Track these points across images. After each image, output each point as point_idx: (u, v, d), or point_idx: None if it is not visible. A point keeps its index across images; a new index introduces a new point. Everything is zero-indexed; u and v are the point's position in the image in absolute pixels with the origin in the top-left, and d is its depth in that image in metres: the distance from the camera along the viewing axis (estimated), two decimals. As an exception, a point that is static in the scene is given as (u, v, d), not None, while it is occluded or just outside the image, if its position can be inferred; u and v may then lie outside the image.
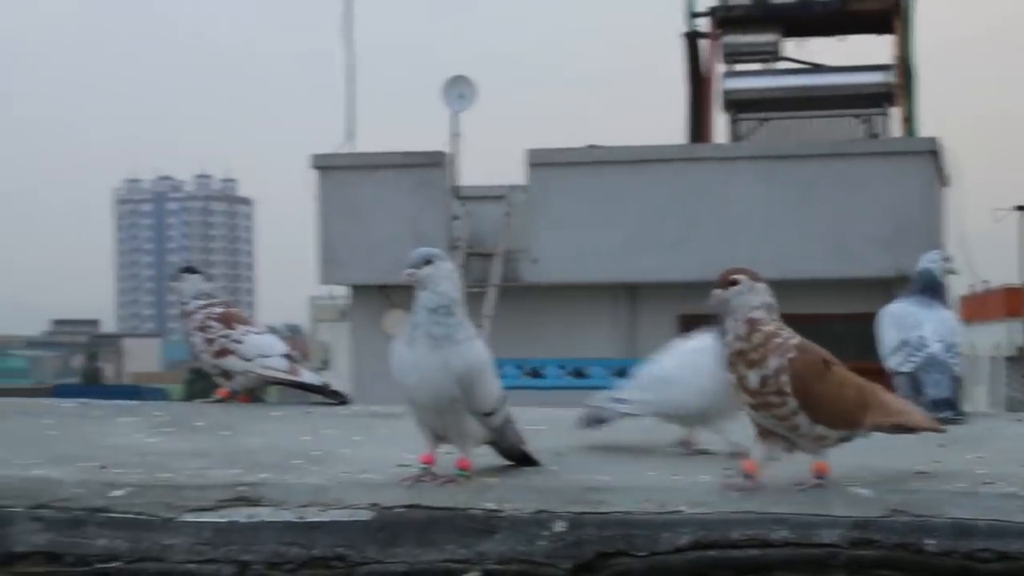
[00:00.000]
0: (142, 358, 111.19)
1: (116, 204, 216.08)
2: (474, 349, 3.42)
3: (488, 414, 3.46)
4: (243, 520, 3.21)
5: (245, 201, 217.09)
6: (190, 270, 5.55)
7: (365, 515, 3.19)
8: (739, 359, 3.29)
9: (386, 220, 15.97)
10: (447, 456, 3.45)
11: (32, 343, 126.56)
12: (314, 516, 3.20)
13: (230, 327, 5.29)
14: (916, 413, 3.51)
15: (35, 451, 3.94)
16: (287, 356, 5.32)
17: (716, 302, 3.35)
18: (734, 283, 3.33)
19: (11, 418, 4.70)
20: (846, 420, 3.31)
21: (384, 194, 16.29)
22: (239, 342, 5.24)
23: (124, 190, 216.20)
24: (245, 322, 5.38)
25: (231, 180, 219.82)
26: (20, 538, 3.26)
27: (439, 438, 3.48)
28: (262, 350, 5.26)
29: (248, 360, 5.22)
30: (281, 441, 4.17)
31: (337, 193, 16.45)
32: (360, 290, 16.30)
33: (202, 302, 5.39)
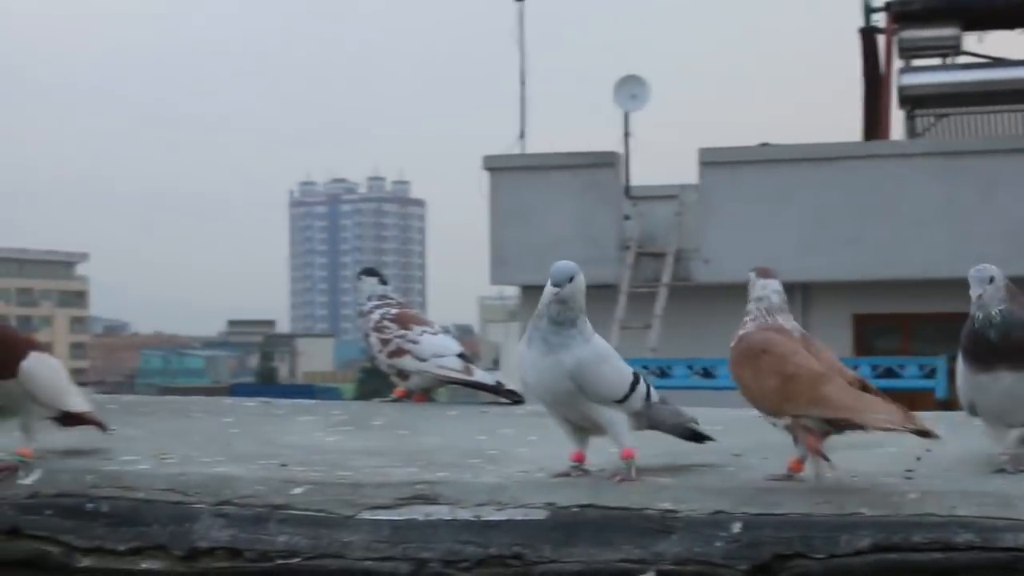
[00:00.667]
0: (315, 358, 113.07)
1: (291, 206, 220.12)
2: (593, 349, 3.43)
3: (620, 400, 3.45)
4: (420, 518, 3.24)
5: (417, 203, 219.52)
6: (369, 272, 5.62)
7: (541, 514, 3.20)
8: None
9: (557, 221, 16.00)
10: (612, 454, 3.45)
11: (209, 343, 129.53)
12: (490, 515, 3.22)
13: (406, 328, 5.34)
14: (878, 412, 3.22)
15: (218, 449, 4.02)
16: (461, 356, 5.35)
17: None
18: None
19: (194, 416, 4.80)
20: (766, 406, 3.35)
21: (555, 194, 16.33)
22: (415, 342, 5.29)
23: (299, 192, 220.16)
24: (421, 323, 5.43)
25: (404, 182, 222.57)
26: (204, 534, 3.34)
27: (582, 431, 3.48)
28: (437, 350, 5.30)
29: (423, 360, 5.26)
30: (457, 440, 4.20)
31: (508, 194, 16.53)
32: (530, 290, 16.35)
33: (378, 303, 5.46)
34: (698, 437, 3.68)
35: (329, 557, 3.23)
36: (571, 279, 3.41)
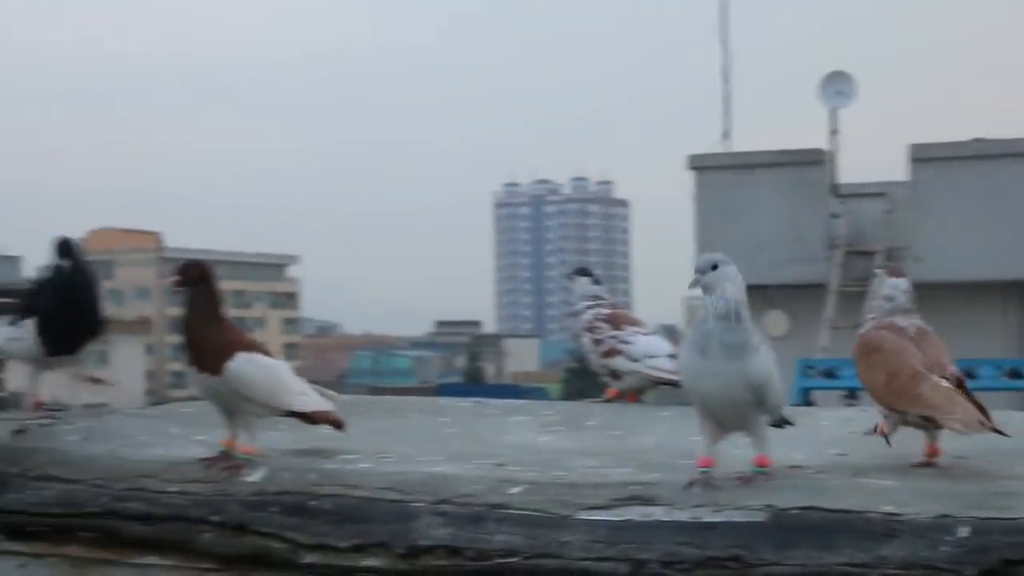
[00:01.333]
0: (521, 358, 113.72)
1: (495, 208, 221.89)
2: (767, 357, 3.39)
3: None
4: (637, 519, 3.23)
5: (621, 203, 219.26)
6: (581, 272, 5.63)
7: (760, 516, 3.16)
8: None
9: (763, 219, 15.85)
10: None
11: (416, 344, 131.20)
12: (709, 516, 3.20)
13: (618, 328, 5.34)
14: (956, 414, 3.34)
15: (435, 448, 4.07)
16: (673, 356, 5.32)
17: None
18: (875, 276, 3.80)
19: (409, 416, 4.87)
20: (878, 400, 3.55)
21: (761, 193, 16.18)
22: (627, 343, 5.28)
23: (503, 194, 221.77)
24: (633, 323, 5.42)
25: (607, 182, 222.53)
26: (423, 532, 3.39)
27: (722, 436, 3.45)
28: (649, 351, 5.28)
29: (635, 360, 5.25)
30: (671, 441, 4.18)
31: (714, 193, 16.43)
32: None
33: (591, 303, 5.47)
34: (783, 423, 3.66)
35: (547, 557, 3.24)
36: (714, 267, 3.37)
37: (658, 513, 3.24)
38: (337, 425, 3.98)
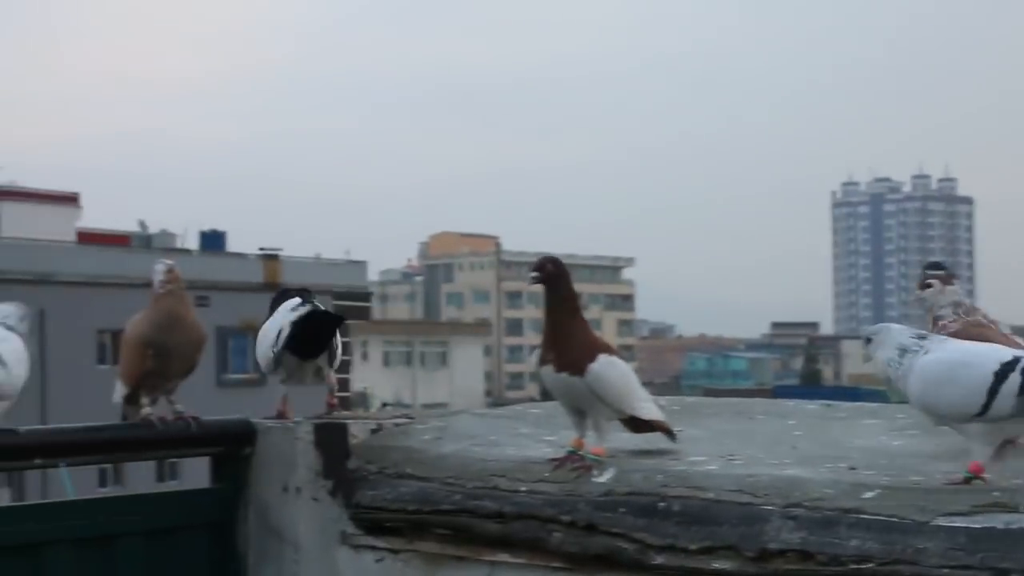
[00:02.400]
0: (859, 360, 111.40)
1: (833, 207, 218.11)
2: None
3: None
4: (1000, 527, 3.11)
5: (964, 200, 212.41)
6: (935, 266, 5.46)
7: None
8: None
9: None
10: None
11: (752, 345, 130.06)
12: (1078, 526, 3.05)
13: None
14: None
15: (783, 451, 4.02)
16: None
17: (916, 300, 4.11)
18: (929, 286, 4.09)
19: (755, 418, 4.82)
20: None
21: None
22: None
23: (841, 193, 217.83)
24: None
25: (950, 179, 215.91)
26: (774, 535, 3.34)
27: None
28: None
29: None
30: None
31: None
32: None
33: (951, 313, 5.29)
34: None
35: (903, 563, 3.15)
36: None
37: (1021, 521, 3.11)
38: (670, 434, 3.98)
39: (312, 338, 4.37)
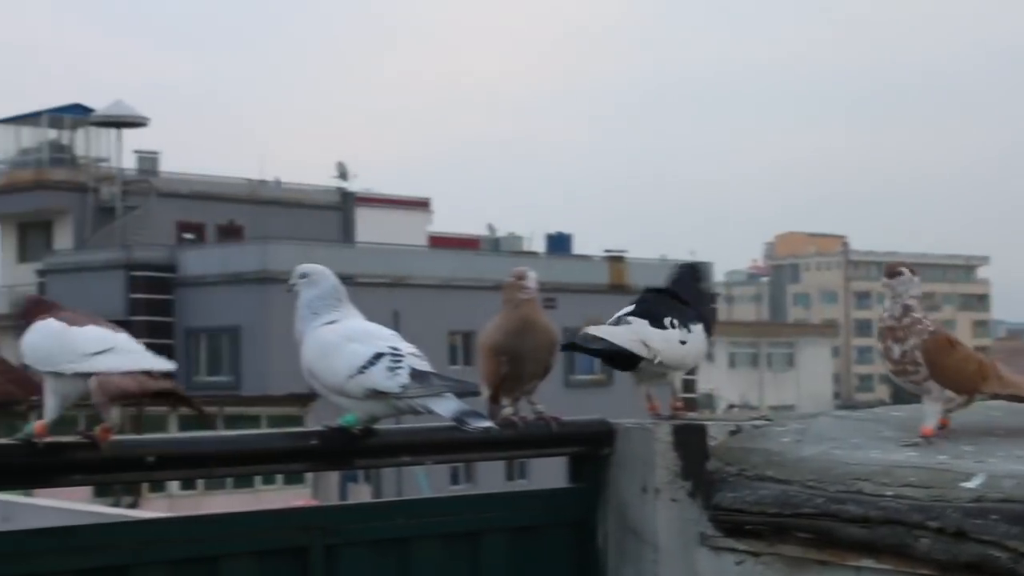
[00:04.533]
0: None
1: None
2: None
3: None
4: None
5: None
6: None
7: None
8: (888, 334, 4.09)
9: None
10: None
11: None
12: None
13: None
14: None
15: None
16: None
17: (884, 287, 4.14)
18: (900, 274, 4.11)
19: None
20: (967, 386, 4.06)
21: None
22: None
23: None
24: None
25: None
26: None
27: None
28: None
29: None
30: None
31: None
32: None
33: None
34: None
35: None
36: None
37: None
38: None
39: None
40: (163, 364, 3.45)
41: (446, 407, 3.71)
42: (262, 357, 37.85)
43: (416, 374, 3.73)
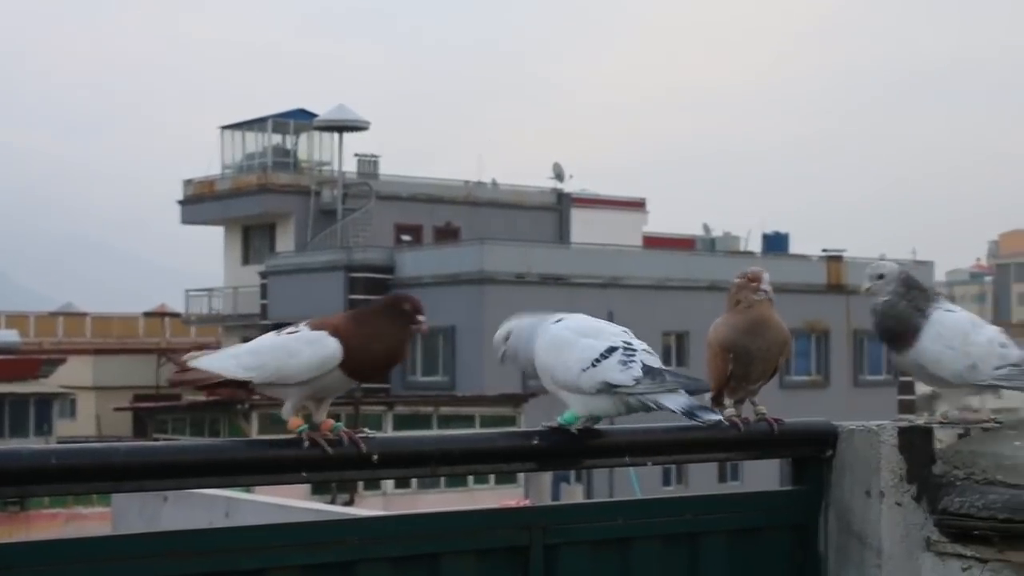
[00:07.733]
0: None
1: None
2: None
3: None
4: None
5: None
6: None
7: None
8: None
9: None
10: None
11: None
12: None
13: None
14: None
15: None
16: None
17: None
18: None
19: None
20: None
21: None
22: None
23: None
24: None
25: None
26: None
27: None
28: None
29: None
30: None
31: None
32: None
33: None
34: None
35: None
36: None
37: None
38: None
39: None
40: None
41: (676, 402, 3.73)
42: (476, 358, 38.22)
43: (648, 370, 3.75)
